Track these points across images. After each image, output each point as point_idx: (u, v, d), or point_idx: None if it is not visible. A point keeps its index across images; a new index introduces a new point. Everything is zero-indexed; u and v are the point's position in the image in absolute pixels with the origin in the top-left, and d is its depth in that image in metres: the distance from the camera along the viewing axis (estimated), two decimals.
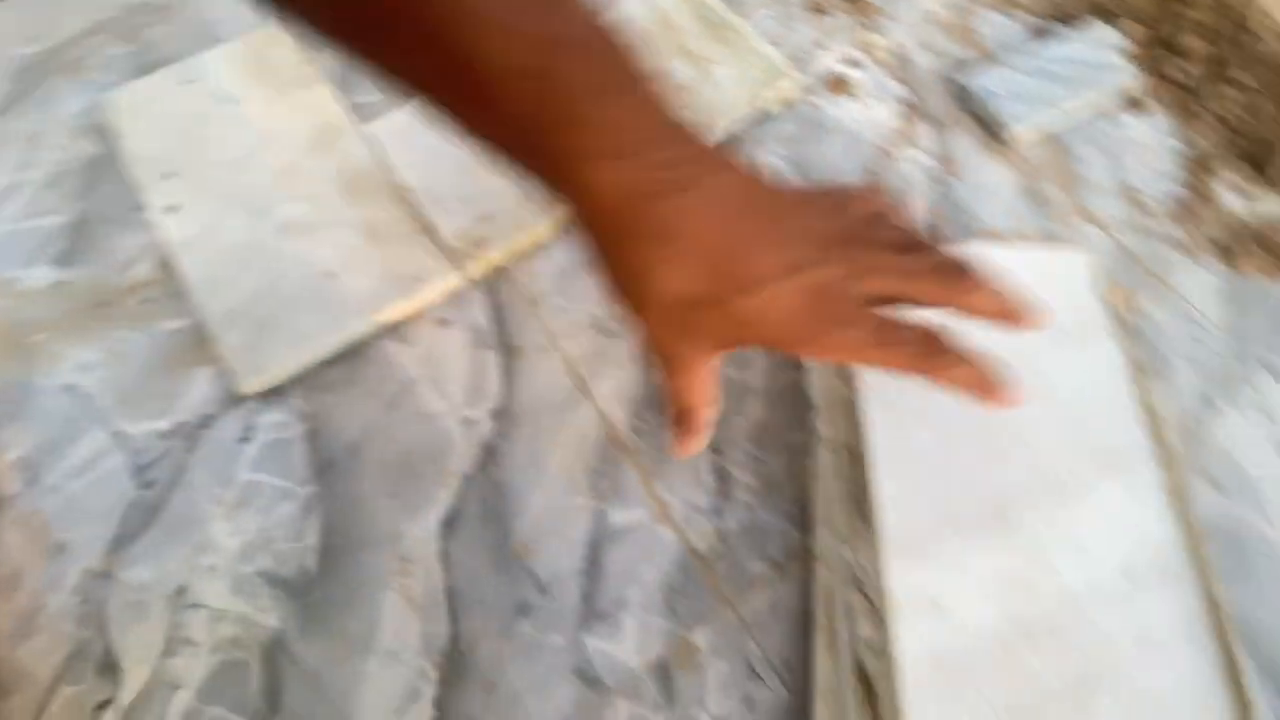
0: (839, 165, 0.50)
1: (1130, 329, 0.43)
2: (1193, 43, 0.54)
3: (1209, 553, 0.30)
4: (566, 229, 0.46)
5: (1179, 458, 0.35)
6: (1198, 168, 0.50)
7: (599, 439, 0.40)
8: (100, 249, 0.45)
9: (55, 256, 0.45)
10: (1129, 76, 0.52)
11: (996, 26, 0.57)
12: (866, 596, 0.31)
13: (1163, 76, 0.54)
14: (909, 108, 0.52)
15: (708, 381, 0.29)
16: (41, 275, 0.45)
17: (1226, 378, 0.42)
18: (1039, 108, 0.50)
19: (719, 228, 0.24)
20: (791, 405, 0.41)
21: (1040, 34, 0.56)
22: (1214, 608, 0.29)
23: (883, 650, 0.29)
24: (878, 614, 0.30)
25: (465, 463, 0.39)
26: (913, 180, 0.49)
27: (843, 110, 0.52)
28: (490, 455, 0.40)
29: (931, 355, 0.25)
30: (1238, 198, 0.49)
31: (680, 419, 0.31)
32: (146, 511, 0.38)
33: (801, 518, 0.38)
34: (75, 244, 0.46)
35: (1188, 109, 0.53)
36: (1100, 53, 0.53)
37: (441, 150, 0.47)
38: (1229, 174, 0.50)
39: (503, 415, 0.41)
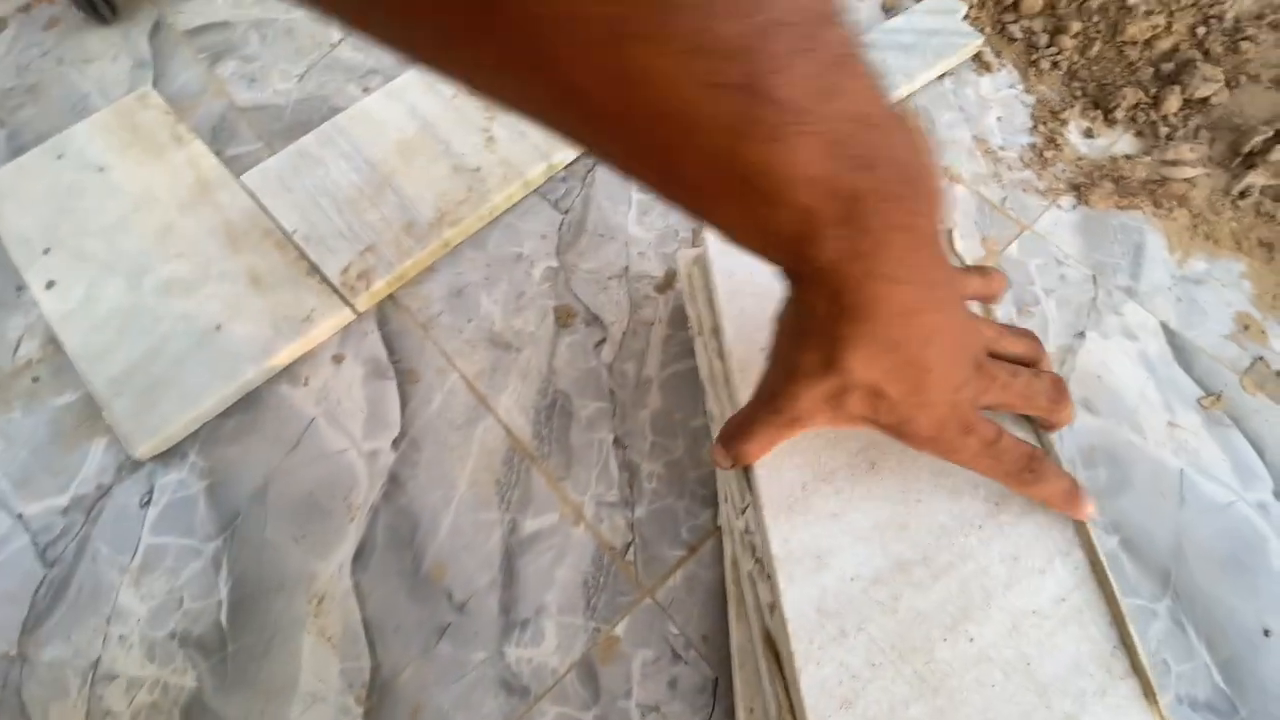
0: None
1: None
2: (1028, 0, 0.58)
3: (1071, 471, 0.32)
4: (454, 253, 0.47)
5: None
6: (1047, 115, 0.53)
7: (505, 451, 0.41)
8: None
9: None
10: (974, 39, 0.55)
11: (850, 9, 0.60)
12: (759, 562, 0.32)
13: (1005, 34, 0.57)
14: None
15: (780, 440, 0.29)
16: None
17: (1091, 307, 0.45)
18: (895, 79, 0.53)
19: (927, 343, 0.24)
20: (689, 391, 0.42)
21: (888, 11, 0.59)
22: (1079, 524, 0.31)
23: (776, 609, 0.30)
24: (771, 577, 0.31)
25: (371, 494, 0.39)
26: None
27: None
28: (395, 483, 0.40)
29: (1035, 473, 0.28)
30: (1085, 139, 0.52)
31: (734, 456, 0.30)
32: (55, 589, 0.37)
33: (707, 497, 0.39)
34: None
35: (1032, 62, 0.56)
36: (944, 20, 0.56)
37: (317, 191, 0.47)
38: (1076, 118, 0.53)
39: (405, 441, 0.41)
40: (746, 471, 0.32)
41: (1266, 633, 0.35)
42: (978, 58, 0.56)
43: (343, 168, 0.48)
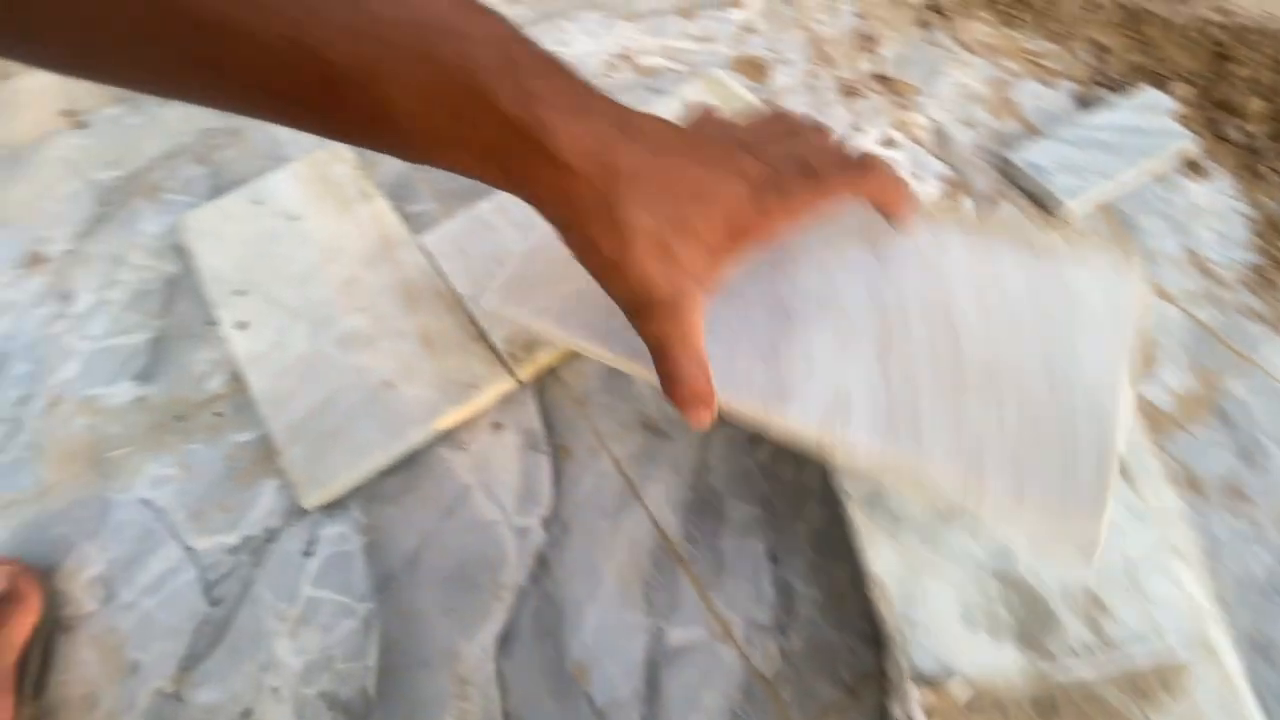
0: None
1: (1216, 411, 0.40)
2: (1249, 101, 0.53)
3: None
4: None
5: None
6: (1270, 231, 0.48)
7: (653, 547, 0.39)
8: (177, 364, 0.48)
9: (136, 373, 0.48)
10: (1185, 140, 0.50)
11: (1038, 97, 0.56)
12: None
13: (1221, 138, 0.52)
14: (952, 185, 0.52)
15: (698, 337, 0.29)
16: (123, 392, 0.47)
17: None
18: (1092, 179, 0.49)
19: (673, 164, 0.27)
20: None
21: (1085, 103, 0.55)
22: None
23: None
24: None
25: (519, 574, 0.39)
26: None
27: None
28: (543, 566, 0.39)
29: (862, 168, 0.29)
30: None
31: (684, 392, 0.29)
32: (216, 629, 0.39)
33: (871, 635, 0.36)
34: (154, 360, 0.48)
35: (1252, 170, 0.50)
36: (1151, 118, 0.51)
37: (489, 258, 0.49)
38: None
39: (555, 522, 0.40)
40: None
41: None
42: (1189, 161, 0.51)
43: (514, 237, 0.49)
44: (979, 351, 0.31)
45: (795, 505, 0.40)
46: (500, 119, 0.23)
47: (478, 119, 0.23)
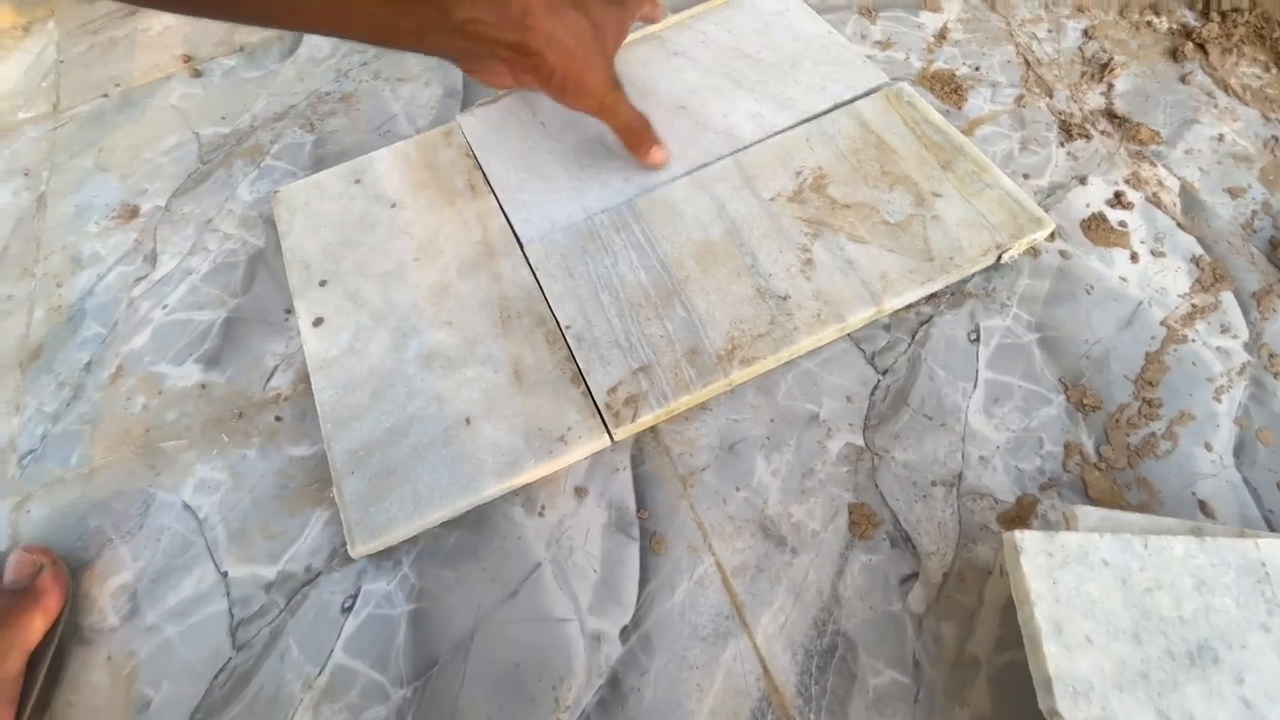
0: (1104, 339, 0.38)
1: None
2: None
3: None
4: (735, 390, 0.38)
5: None
6: None
7: (757, 698, 0.31)
8: (247, 352, 0.43)
9: (204, 356, 0.44)
10: None
11: None
12: None
13: None
14: (1206, 270, 0.40)
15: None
16: (188, 375, 0.43)
17: None
18: None
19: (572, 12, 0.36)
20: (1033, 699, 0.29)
21: None
22: None
23: None
24: None
25: (585, 693, 0.31)
26: (1212, 373, 0.36)
27: (1108, 265, 0.40)
28: (615, 690, 0.31)
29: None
30: None
31: (637, 135, 0.43)
32: (235, 681, 0.33)
33: None
34: (224, 344, 0.44)
35: None
36: None
37: (600, 284, 0.41)
38: None
39: (636, 634, 0.33)
40: None
41: None
42: None
43: (632, 260, 0.41)
44: None
45: (957, 682, 0.30)
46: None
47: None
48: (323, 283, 0.43)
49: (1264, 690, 0.24)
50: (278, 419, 0.41)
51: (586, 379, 0.38)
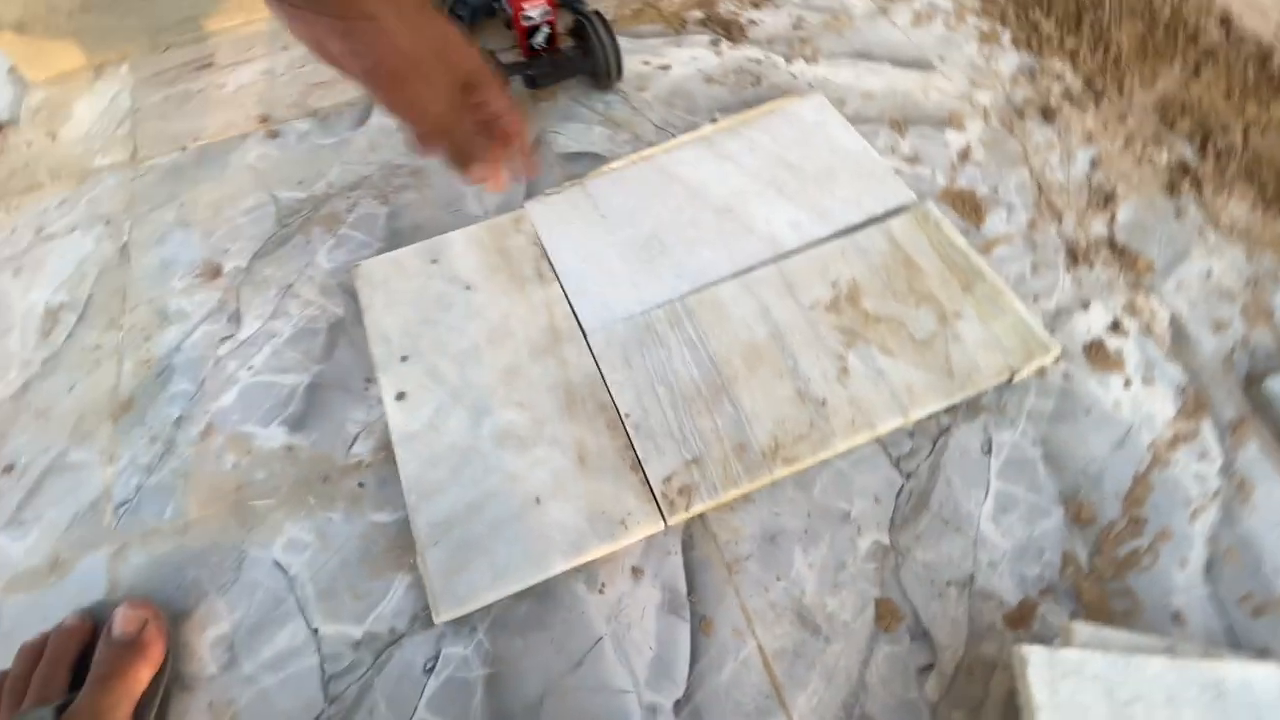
0: (1100, 459, 0.43)
1: None
2: None
3: None
4: (776, 485, 0.43)
5: None
6: None
7: None
8: (330, 419, 0.48)
9: (290, 419, 0.48)
10: None
11: None
12: None
13: None
14: (1190, 399, 0.45)
15: None
16: (275, 436, 0.47)
17: None
18: None
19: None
20: None
21: None
22: None
23: None
24: None
25: None
26: (1189, 496, 0.42)
27: (1105, 389, 0.46)
28: None
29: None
30: None
31: (465, 156, 0.39)
32: None
33: None
34: (308, 409, 0.48)
35: None
36: None
37: (655, 376, 0.46)
38: None
39: (687, 707, 0.37)
40: None
41: None
42: None
43: (685, 357, 0.46)
44: None
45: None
46: None
47: None
48: (404, 358, 0.48)
49: None
50: (360, 485, 0.45)
51: (644, 467, 0.43)
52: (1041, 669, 0.32)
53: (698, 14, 0.70)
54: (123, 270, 0.57)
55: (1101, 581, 0.40)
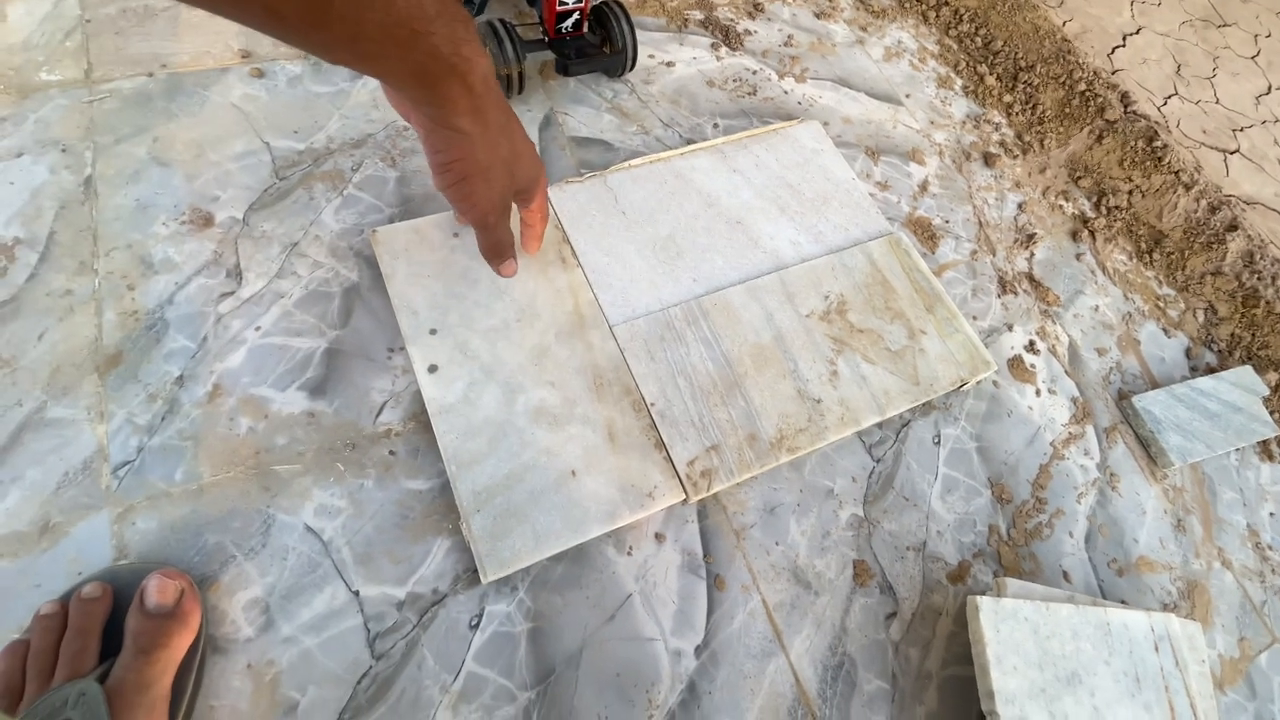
0: (1017, 452, 0.55)
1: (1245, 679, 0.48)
2: None
3: None
4: (774, 467, 0.50)
5: None
6: None
7: (790, 700, 0.43)
8: (352, 387, 0.48)
9: (308, 384, 0.47)
10: (1270, 430, 0.58)
11: (1158, 343, 0.63)
12: None
13: None
14: (1079, 408, 0.58)
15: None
16: (294, 402, 0.47)
17: None
18: (1198, 446, 0.56)
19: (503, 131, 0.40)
20: (964, 703, 0.45)
21: (1190, 357, 0.62)
22: None
23: None
24: None
25: (671, 697, 0.42)
26: (1076, 483, 0.54)
27: (1023, 397, 0.57)
28: (693, 694, 0.43)
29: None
30: None
31: (499, 251, 0.47)
32: (378, 686, 0.40)
33: None
34: (328, 375, 0.48)
35: None
36: (1249, 400, 0.59)
37: (676, 369, 0.51)
38: None
39: (706, 651, 0.44)
40: None
41: None
42: (1268, 448, 0.59)
43: (702, 354, 0.52)
44: None
45: (918, 688, 0.45)
46: (432, 51, 0.33)
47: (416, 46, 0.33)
48: (433, 331, 0.49)
49: (1105, 701, 0.40)
50: (391, 453, 0.46)
51: (669, 450, 0.48)
52: (989, 614, 0.42)
53: (698, 14, 0.74)
54: (89, 207, 0.51)
55: (1015, 547, 0.51)
